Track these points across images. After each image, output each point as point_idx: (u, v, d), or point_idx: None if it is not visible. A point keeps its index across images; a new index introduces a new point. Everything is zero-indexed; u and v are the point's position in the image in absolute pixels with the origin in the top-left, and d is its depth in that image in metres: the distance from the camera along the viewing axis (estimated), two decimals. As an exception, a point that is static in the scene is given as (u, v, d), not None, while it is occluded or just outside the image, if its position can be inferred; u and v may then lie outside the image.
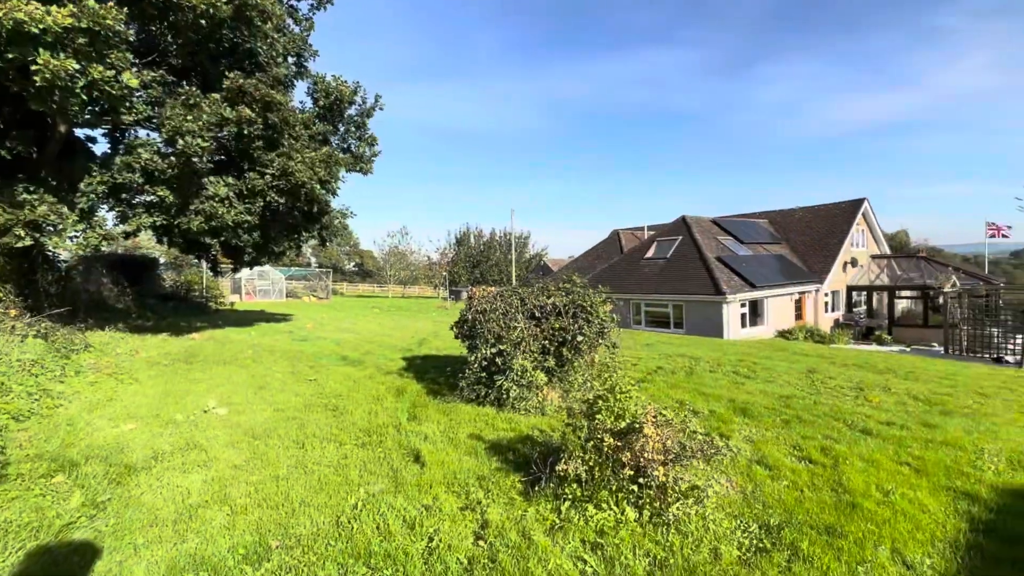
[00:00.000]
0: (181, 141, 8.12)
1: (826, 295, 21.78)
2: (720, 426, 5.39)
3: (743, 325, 18.77)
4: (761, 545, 3.03)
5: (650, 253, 23.16)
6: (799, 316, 20.79)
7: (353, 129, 12.18)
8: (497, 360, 6.10)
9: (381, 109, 12.06)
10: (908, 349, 17.40)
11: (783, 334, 18.81)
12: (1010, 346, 14.54)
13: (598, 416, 3.53)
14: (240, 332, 12.45)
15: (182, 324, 12.57)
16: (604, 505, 3.37)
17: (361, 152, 12.20)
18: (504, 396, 6.02)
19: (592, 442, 3.57)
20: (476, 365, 6.18)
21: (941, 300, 17.14)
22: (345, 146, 12.39)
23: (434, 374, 7.89)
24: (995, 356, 14.47)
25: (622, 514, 3.31)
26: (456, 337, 6.88)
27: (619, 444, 3.44)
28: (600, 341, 6.44)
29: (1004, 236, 23.21)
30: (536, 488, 3.68)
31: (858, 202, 23.20)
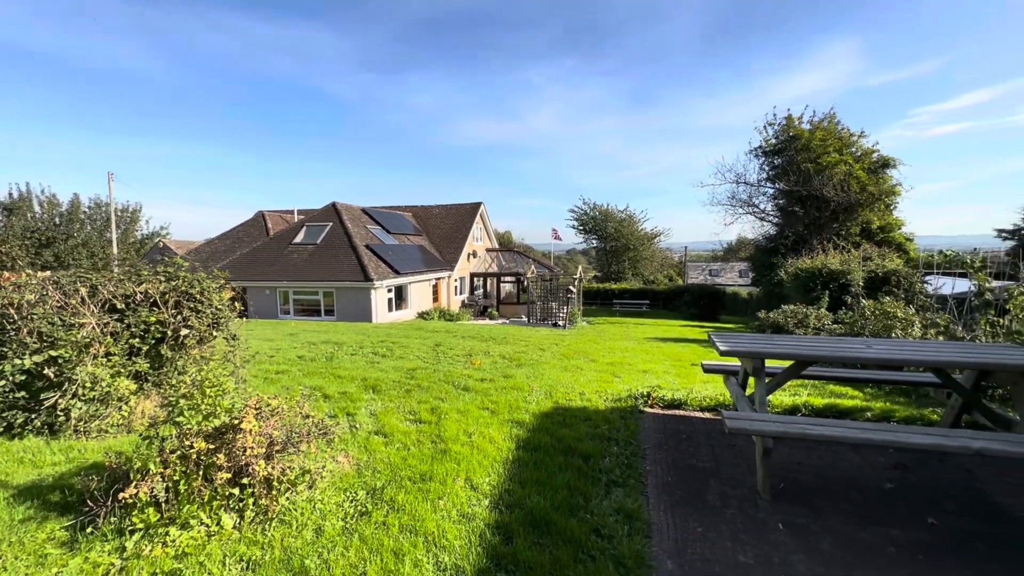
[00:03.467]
0: None
1: (456, 281, 25.92)
2: (348, 405, 5.54)
3: (390, 309, 20.21)
4: (364, 509, 3.23)
5: (299, 238, 21.97)
6: (436, 299, 23.99)
7: None
8: (48, 371, 4.41)
9: None
10: (508, 321, 22.70)
11: (423, 315, 21.29)
12: (561, 314, 20.94)
13: (180, 419, 2.98)
14: None
15: None
16: (193, 521, 2.87)
17: None
18: (62, 419, 4.44)
19: (178, 452, 2.98)
20: (4, 382, 4.29)
21: (526, 284, 23.09)
22: None
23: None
24: (553, 322, 20.55)
25: (217, 524, 2.91)
26: (-35, 346, 4.60)
27: (213, 447, 3.00)
28: (216, 334, 5.56)
29: (559, 239, 33.58)
30: (91, 529, 2.81)
31: (477, 204, 28.53)
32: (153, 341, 5.04)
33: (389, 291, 20.24)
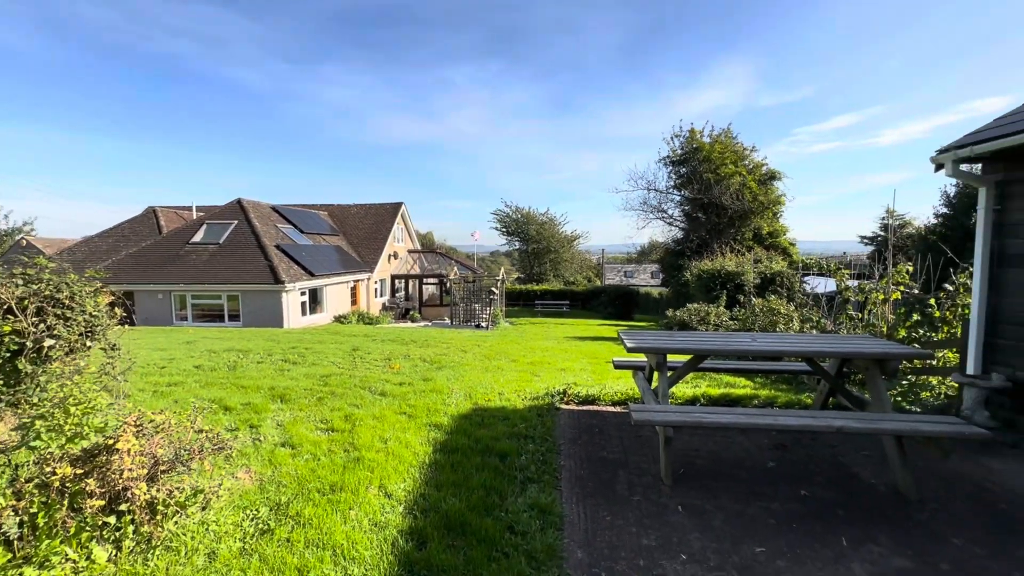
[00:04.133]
0: None
1: (376, 283, 25.09)
2: (252, 417, 5.15)
3: (304, 313, 19.11)
4: (266, 527, 3.02)
5: (198, 237, 20.11)
6: (354, 302, 23.06)
7: None
8: None
9: None
10: (431, 323, 22.37)
11: (340, 319, 20.36)
12: (484, 316, 21.01)
13: (37, 443, 2.60)
14: None
15: None
16: (55, 558, 2.51)
17: None
18: None
19: (36, 480, 2.60)
20: None
21: (449, 285, 22.90)
22: None
23: None
24: (476, 324, 20.57)
25: (87, 559, 2.58)
26: None
27: (81, 471, 2.65)
28: (90, 344, 4.92)
29: (476, 239, 34.00)
30: (-84, 580, 2.36)
31: (398, 204, 27.84)
32: (8, 354, 4.34)
33: (302, 294, 19.11)
